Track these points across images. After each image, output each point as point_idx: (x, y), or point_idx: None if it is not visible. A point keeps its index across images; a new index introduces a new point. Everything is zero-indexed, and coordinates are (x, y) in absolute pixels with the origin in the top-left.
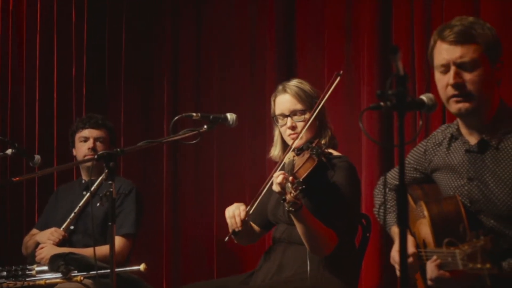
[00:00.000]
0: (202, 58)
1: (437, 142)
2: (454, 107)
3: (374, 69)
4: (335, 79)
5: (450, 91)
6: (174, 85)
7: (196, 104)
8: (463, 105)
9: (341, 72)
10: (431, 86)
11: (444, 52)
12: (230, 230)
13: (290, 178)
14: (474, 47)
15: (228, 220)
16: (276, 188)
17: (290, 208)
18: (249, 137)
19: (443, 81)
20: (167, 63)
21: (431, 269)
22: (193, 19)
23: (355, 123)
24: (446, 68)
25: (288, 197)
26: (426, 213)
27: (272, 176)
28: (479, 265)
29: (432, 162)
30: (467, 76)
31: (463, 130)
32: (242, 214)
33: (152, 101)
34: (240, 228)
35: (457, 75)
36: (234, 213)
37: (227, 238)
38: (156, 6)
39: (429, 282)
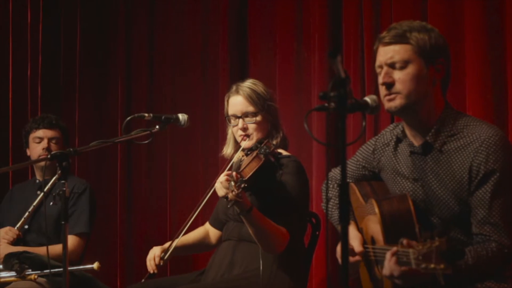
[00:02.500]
0: (155, 60)
1: (385, 142)
2: (386, 105)
3: (325, 70)
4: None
5: (382, 90)
6: (128, 87)
7: (149, 105)
8: (393, 103)
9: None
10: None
11: (380, 53)
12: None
13: (234, 174)
14: (405, 47)
15: (147, 262)
16: (219, 191)
17: (236, 208)
18: (202, 137)
19: (379, 81)
20: (120, 65)
21: (391, 267)
22: (146, 21)
23: None
24: (381, 69)
25: (230, 195)
26: (377, 210)
27: (213, 183)
28: (432, 265)
29: (380, 162)
30: (397, 75)
31: (408, 132)
32: (157, 260)
33: (106, 102)
34: (155, 272)
35: (386, 74)
36: (150, 257)
37: (143, 280)
38: (109, 8)
39: (396, 281)
